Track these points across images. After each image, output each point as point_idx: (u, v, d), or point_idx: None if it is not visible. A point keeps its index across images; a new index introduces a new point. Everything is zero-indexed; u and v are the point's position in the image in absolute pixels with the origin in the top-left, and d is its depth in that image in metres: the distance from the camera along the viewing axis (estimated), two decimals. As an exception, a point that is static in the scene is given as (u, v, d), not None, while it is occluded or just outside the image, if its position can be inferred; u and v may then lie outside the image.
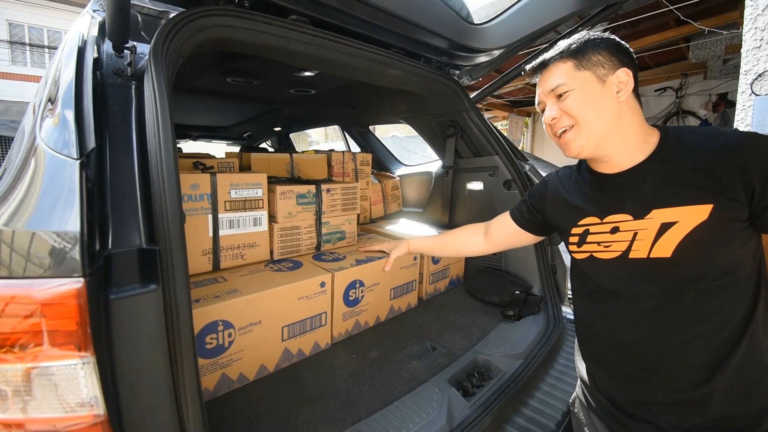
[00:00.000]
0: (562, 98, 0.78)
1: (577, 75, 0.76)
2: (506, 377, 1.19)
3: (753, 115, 2.17)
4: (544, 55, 0.82)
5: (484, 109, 7.21)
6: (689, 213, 0.67)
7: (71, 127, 0.66)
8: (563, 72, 0.78)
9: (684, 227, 0.67)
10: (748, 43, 2.31)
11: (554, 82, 0.78)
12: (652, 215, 0.71)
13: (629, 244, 0.74)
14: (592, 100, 0.75)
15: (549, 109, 0.81)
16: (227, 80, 1.82)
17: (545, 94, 0.82)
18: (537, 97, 0.86)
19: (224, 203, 1.30)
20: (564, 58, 0.78)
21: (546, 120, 0.82)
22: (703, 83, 5.62)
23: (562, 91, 0.77)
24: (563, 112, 0.78)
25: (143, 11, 1.03)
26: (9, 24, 9.87)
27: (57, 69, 0.85)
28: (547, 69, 0.81)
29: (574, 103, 0.76)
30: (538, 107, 0.87)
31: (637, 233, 0.73)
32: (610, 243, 0.77)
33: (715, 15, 3.55)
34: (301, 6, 1.14)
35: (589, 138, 0.75)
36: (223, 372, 1.06)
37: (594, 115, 0.74)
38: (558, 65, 0.79)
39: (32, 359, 0.54)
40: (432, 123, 2.06)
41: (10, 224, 0.58)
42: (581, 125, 0.76)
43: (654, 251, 0.71)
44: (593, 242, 0.80)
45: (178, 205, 0.70)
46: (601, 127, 0.74)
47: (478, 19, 1.61)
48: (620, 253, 0.75)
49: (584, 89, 0.75)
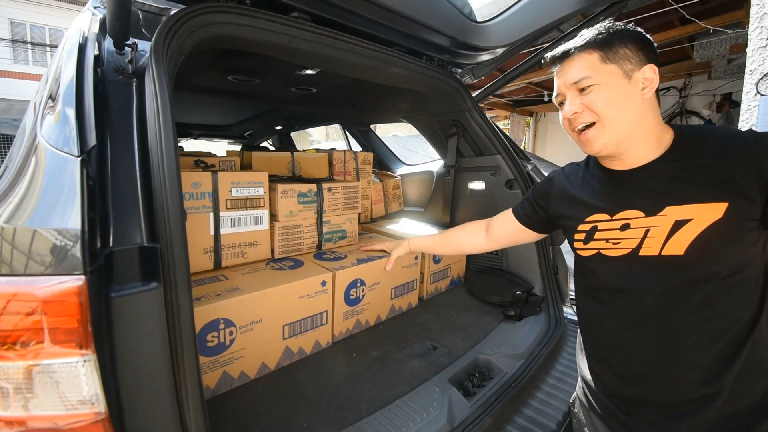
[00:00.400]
0: (585, 92, 0.74)
1: (602, 68, 0.72)
2: (507, 377, 1.19)
3: (758, 115, 2.16)
4: (566, 44, 0.78)
5: (486, 108, 7.20)
6: (704, 210, 0.66)
7: (72, 124, 0.66)
8: (588, 64, 0.73)
9: (698, 225, 0.66)
10: (754, 42, 2.29)
11: (578, 74, 0.74)
12: (666, 212, 0.70)
13: (640, 241, 0.73)
14: (617, 96, 0.72)
15: (570, 103, 0.77)
16: (228, 78, 1.82)
17: (566, 86, 0.77)
18: (556, 88, 0.81)
19: (225, 201, 1.30)
20: (590, 48, 0.74)
21: (566, 114, 0.78)
22: (707, 83, 5.60)
23: (585, 84, 0.73)
24: (585, 107, 0.74)
25: (144, 8, 1.03)
26: (11, 22, 9.90)
27: (58, 66, 0.85)
28: (570, 59, 0.76)
29: (598, 98, 0.72)
30: (556, 99, 0.83)
31: (649, 230, 0.72)
32: (619, 240, 0.76)
33: (720, 14, 3.53)
34: (303, 3, 1.13)
35: (611, 136, 0.73)
36: (224, 370, 1.06)
37: (618, 112, 0.72)
38: (582, 56, 0.74)
39: (34, 357, 0.54)
40: (434, 122, 2.06)
41: (12, 221, 0.58)
42: (604, 122, 0.73)
43: (666, 249, 0.70)
44: (601, 239, 0.79)
45: (179, 203, 0.70)
46: (624, 125, 0.72)
47: (481, 16, 1.60)
48: (630, 250, 0.74)
49: (609, 84, 0.72)
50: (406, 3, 1.27)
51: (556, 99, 0.83)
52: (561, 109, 0.81)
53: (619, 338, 0.79)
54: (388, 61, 1.38)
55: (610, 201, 0.79)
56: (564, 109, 0.78)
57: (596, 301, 0.84)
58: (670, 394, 0.72)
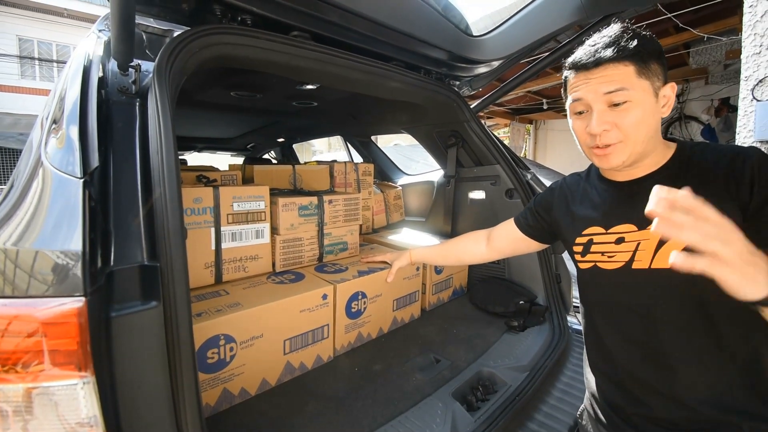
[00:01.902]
0: (617, 108, 0.69)
1: (637, 83, 0.68)
2: (511, 390, 1.18)
3: (755, 120, 2.17)
4: (596, 49, 0.70)
5: (486, 116, 7.24)
6: None
7: (75, 146, 0.67)
8: (624, 76, 0.68)
9: None
10: (748, 49, 2.31)
11: (613, 85, 0.68)
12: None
13: (632, 254, 0.73)
14: (648, 115, 0.69)
15: (599, 118, 0.70)
16: (231, 94, 1.84)
17: (596, 96, 0.70)
18: (579, 94, 0.73)
19: (227, 216, 1.30)
20: (626, 59, 0.68)
21: (594, 131, 0.71)
22: (705, 88, 5.62)
23: (621, 99, 0.68)
24: (616, 126, 0.69)
25: (148, 30, 1.05)
26: (19, 39, 10.11)
27: (63, 87, 0.87)
28: (603, 67, 0.69)
29: (631, 118, 0.68)
30: (574, 106, 0.75)
31: (639, 243, 0.72)
32: (614, 253, 0.76)
33: (713, 21, 3.56)
34: (303, 22, 1.16)
35: (632, 153, 0.71)
36: (224, 387, 1.05)
37: (644, 132, 0.69)
38: (618, 67, 0.68)
39: (34, 379, 0.54)
40: (433, 133, 2.07)
41: (13, 242, 0.59)
42: (629, 141, 0.69)
43: (655, 262, 0.70)
44: (597, 252, 0.79)
45: (180, 222, 0.71)
46: (645, 142, 0.70)
47: (477, 30, 1.63)
48: (623, 263, 0.74)
49: (643, 103, 0.68)
50: (403, 20, 1.29)
51: (574, 105, 0.75)
52: (577, 117, 0.76)
53: (619, 353, 0.78)
54: (387, 76, 1.41)
55: (606, 214, 0.79)
56: (592, 123, 0.71)
57: (595, 314, 0.84)
58: (674, 410, 0.71)
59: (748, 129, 2.22)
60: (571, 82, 0.76)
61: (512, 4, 1.94)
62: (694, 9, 3.23)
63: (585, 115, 0.74)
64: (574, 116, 0.78)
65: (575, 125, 0.77)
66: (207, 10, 1.05)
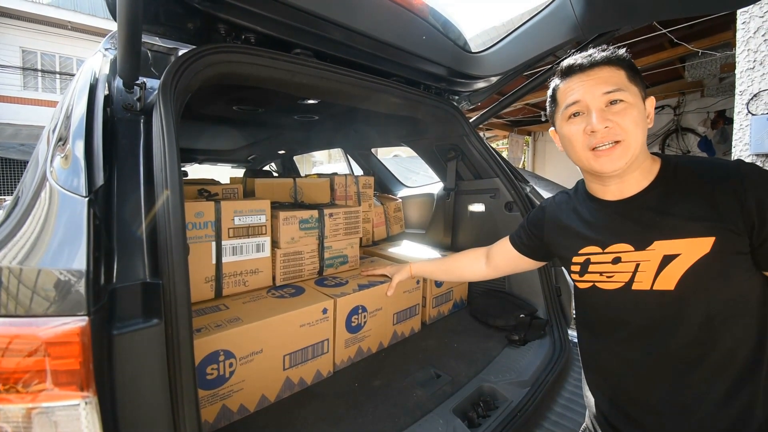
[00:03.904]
0: (615, 107, 0.71)
1: (631, 87, 0.71)
2: (512, 406, 1.17)
3: (750, 134, 2.20)
4: (591, 53, 0.74)
5: (485, 128, 7.30)
6: (691, 245, 0.66)
7: (81, 165, 0.68)
8: (619, 78, 0.71)
9: (687, 260, 0.66)
10: (742, 64, 2.36)
11: (612, 85, 0.70)
12: (654, 246, 0.70)
13: (632, 275, 0.73)
14: (641, 117, 0.71)
15: (599, 116, 0.71)
16: (233, 108, 1.87)
17: (595, 97, 0.71)
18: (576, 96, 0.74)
19: (228, 230, 1.31)
20: (619, 64, 0.72)
21: (596, 127, 0.71)
22: (701, 101, 5.68)
23: (618, 97, 0.70)
24: (617, 124, 0.70)
25: (153, 48, 1.08)
26: (22, 51, 10.23)
27: (70, 104, 0.88)
28: (598, 68, 0.72)
29: (630, 116, 0.70)
30: (571, 109, 0.76)
31: (639, 264, 0.72)
32: (612, 273, 0.76)
33: (708, 36, 3.63)
34: (305, 40, 1.18)
35: (631, 157, 0.71)
36: (223, 403, 1.04)
37: (641, 135, 0.71)
38: (612, 69, 0.72)
39: (34, 399, 0.54)
40: (433, 146, 2.09)
41: (18, 261, 0.59)
42: (630, 143, 0.70)
43: (657, 283, 0.70)
44: (595, 272, 0.79)
45: (182, 239, 0.71)
46: (641, 146, 0.71)
47: (474, 46, 1.67)
48: (623, 284, 0.74)
49: (637, 104, 0.71)
50: (403, 37, 1.32)
51: (571, 108, 0.75)
52: (572, 121, 0.76)
53: (617, 373, 0.78)
54: (387, 92, 1.43)
55: (601, 233, 0.79)
56: (591, 121, 0.71)
57: (593, 334, 0.83)
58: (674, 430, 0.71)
59: (744, 143, 2.24)
60: (565, 88, 0.77)
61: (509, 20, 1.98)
62: (688, 24, 3.30)
63: (581, 117, 0.75)
64: (568, 121, 0.77)
65: (571, 130, 0.76)
66: (212, 29, 1.07)
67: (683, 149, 5.81)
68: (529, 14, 1.58)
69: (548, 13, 1.51)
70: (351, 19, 1.15)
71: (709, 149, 5.41)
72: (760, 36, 2.24)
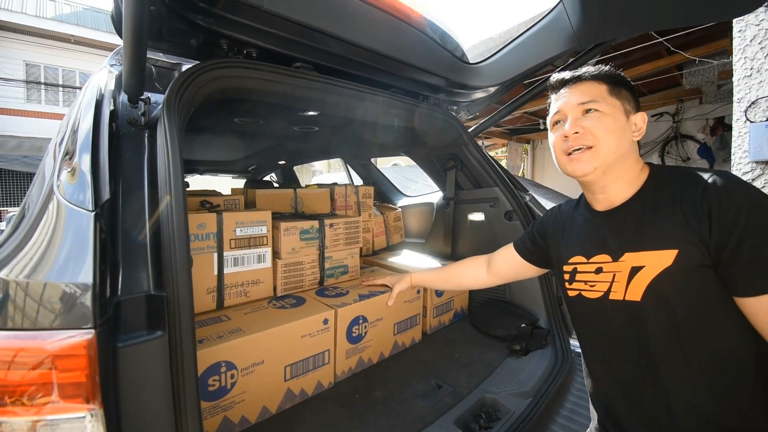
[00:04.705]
0: (589, 114, 0.76)
1: (609, 99, 0.76)
2: (515, 417, 1.16)
3: (749, 141, 2.21)
4: (576, 71, 0.82)
5: (484, 137, 7.34)
6: (655, 258, 0.68)
7: (87, 179, 0.70)
8: (598, 91, 0.77)
9: (650, 272, 0.68)
10: (739, 72, 2.38)
11: (588, 97, 0.77)
12: (624, 258, 0.73)
13: (609, 285, 0.75)
14: (617, 128, 0.75)
15: (572, 123, 0.78)
16: (234, 120, 1.89)
17: (572, 107, 0.79)
18: (557, 108, 0.82)
19: (229, 241, 1.32)
20: (600, 79, 0.78)
21: (567, 132, 0.78)
22: (699, 108, 5.72)
23: (593, 108, 0.76)
24: (588, 130, 0.76)
25: (157, 63, 1.10)
26: (26, 64, 10.37)
27: (76, 119, 0.90)
28: (580, 83, 0.80)
29: (601, 124, 0.75)
30: (553, 118, 0.84)
31: (615, 275, 0.74)
32: (595, 283, 0.78)
33: (705, 44, 3.67)
34: (305, 54, 1.21)
35: (602, 163, 0.75)
36: (224, 415, 1.04)
37: (614, 143, 0.74)
38: (593, 83, 0.78)
39: (41, 412, 0.54)
40: (432, 156, 2.11)
41: (26, 275, 0.60)
42: (600, 148, 0.74)
43: (628, 294, 0.72)
44: (581, 281, 0.82)
45: (186, 251, 0.72)
46: (615, 156, 0.74)
47: (472, 57, 1.69)
48: (602, 293, 0.77)
49: (614, 116, 0.75)
50: (401, 49, 1.35)
51: (553, 118, 0.83)
52: (554, 129, 0.83)
53: (608, 383, 0.79)
54: (386, 103, 1.45)
55: (588, 244, 0.82)
56: (564, 127, 0.79)
57: (584, 343, 0.86)
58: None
59: (743, 150, 2.26)
60: (553, 100, 0.85)
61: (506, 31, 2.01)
62: (684, 33, 3.34)
63: (561, 125, 0.81)
64: (552, 129, 0.84)
65: (553, 138, 0.84)
66: (214, 45, 1.10)
67: (683, 156, 5.83)
68: (526, 25, 1.61)
69: (545, 24, 1.54)
70: (350, 32, 1.18)
71: (709, 156, 5.43)
72: (757, 44, 2.27)
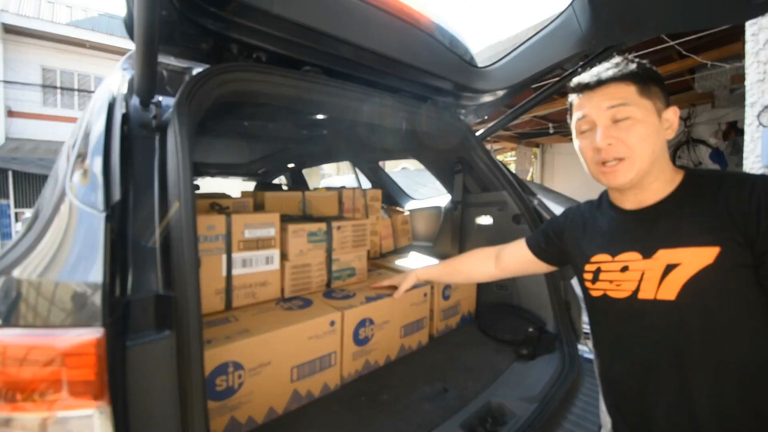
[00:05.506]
0: (621, 123, 0.71)
1: (640, 101, 0.71)
2: (521, 422, 1.15)
3: (762, 145, 2.17)
4: (599, 71, 0.75)
5: (492, 141, 7.31)
6: (694, 255, 0.65)
7: (99, 181, 0.71)
8: (626, 94, 0.71)
9: (688, 269, 0.66)
10: (752, 76, 2.34)
11: (616, 101, 0.71)
12: (658, 255, 0.70)
13: (638, 284, 0.73)
14: (652, 133, 0.71)
15: (604, 133, 0.72)
16: (244, 123, 1.92)
17: (600, 111, 0.73)
18: (583, 113, 0.76)
19: (238, 243, 1.33)
20: (627, 79, 0.72)
21: (599, 144, 0.72)
22: (712, 112, 5.62)
23: (624, 114, 0.71)
24: (621, 141, 0.71)
25: (168, 67, 1.12)
26: (43, 69, 10.64)
27: (89, 122, 0.92)
28: (605, 86, 0.73)
29: (636, 133, 0.70)
30: (578, 124, 0.78)
31: (644, 273, 0.72)
32: (621, 282, 0.76)
33: (717, 47, 3.61)
34: (314, 58, 1.22)
35: (638, 171, 0.71)
36: (232, 415, 1.05)
37: (649, 149, 0.70)
38: (620, 86, 0.72)
39: (49, 408, 0.55)
40: (440, 159, 2.11)
41: (37, 274, 0.62)
42: (635, 158, 0.70)
43: (660, 293, 0.69)
44: (606, 280, 0.79)
45: (194, 252, 0.73)
46: (650, 161, 0.71)
47: (481, 60, 1.69)
48: (630, 293, 0.74)
49: (647, 120, 0.71)
50: (411, 54, 1.35)
51: (579, 124, 0.78)
52: (582, 136, 0.78)
53: (628, 387, 0.77)
54: (395, 107, 1.46)
55: (613, 242, 0.79)
56: (596, 138, 0.73)
57: (605, 346, 0.83)
58: None
59: (756, 154, 2.21)
60: (576, 104, 0.80)
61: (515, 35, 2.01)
62: (696, 36, 3.29)
63: (589, 132, 0.76)
64: (579, 136, 0.80)
65: (581, 145, 0.79)
66: (224, 49, 1.12)
67: (694, 161, 5.73)
68: (535, 29, 1.60)
69: (554, 28, 1.53)
70: (359, 36, 1.19)
71: (721, 161, 5.33)
72: (770, 47, 2.23)
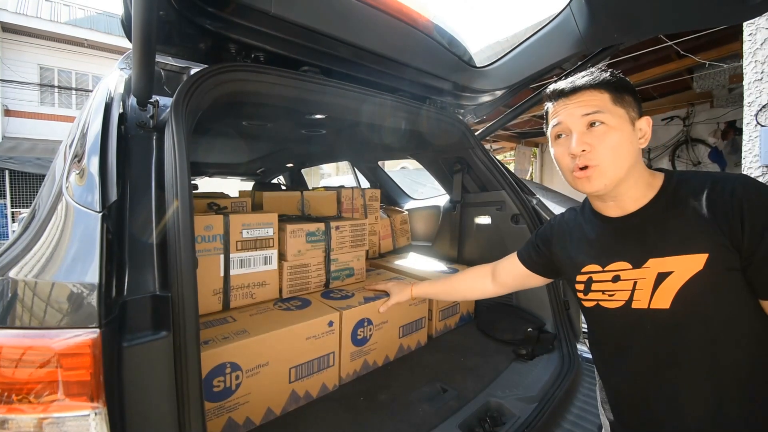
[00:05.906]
0: (595, 130, 0.72)
1: (614, 109, 0.72)
2: (520, 422, 1.15)
3: (760, 145, 2.17)
4: (573, 79, 0.76)
5: (492, 140, 7.31)
6: (684, 262, 0.66)
7: (95, 181, 0.71)
8: (601, 101, 0.72)
9: (680, 277, 0.66)
10: (750, 75, 2.35)
11: (590, 108, 0.72)
12: (649, 264, 0.70)
13: (631, 293, 0.73)
14: (625, 141, 0.71)
15: (578, 139, 0.72)
16: (242, 123, 1.91)
17: (575, 118, 0.74)
18: (558, 119, 0.77)
19: (236, 243, 1.33)
20: (601, 87, 0.73)
21: (574, 151, 0.73)
22: (710, 111, 5.64)
23: (598, 119, 0.71)
24: (595, 148, 0.71)
25: (166, 67, 1.12)
26: (40, 68, 10.61)
27: (86, 122, 0.92)
28: (581, 93, 0.74)
29: (609, 140, 0.70)
30: (554, 130, 0.78)
31: (636, 282, 0.72)
32: (613, 292, 0.76)
33: (715, 47, 3.61)
34: (312, 58, 1.22)
35: (612, 179, 0.71)
36: (229, 416, 1.04)
37: (623, 157, 0.71)
38: (594, 93, 0.73)
39: (45, 409, 0.55)
40: (439, 159, 2.11)
41: (33, 274, 0.61)
42: (608, 165, 0.71)
43: (653, 302, 0.69)
44: (598, 290, 0.79)
45: (191, 252, 0.73)
46: (624, 169, 0.71)
47: (479, 60, 1.69)
48: (623, 302, 0.74)
49: (621, 128, 0.71)
50: (409, 54, 1.35)
51: (555, 130, 0.78)
52: (558, 143, 0.78)
53: (626, 394, 0.77)
54: (393, 107, 1.45)
55: (602, 252, 0.79)
56: (571, 144, 0.73)
57: (603, 353, 0.83)
58: None
59: (754, 154, 2.22)
60: (552, 111, 0.80)
61: (513, 35, 2.01)
62: (695, 36, 3.30)
63: (565, 139, 0.77)
64: (555, 143, 0.80)
65: (557, 152, 0.79)
66: (222, 49, 1.11)
67: (693, 160, 5.74)
68: (533, 29, 1.60)
69: (552, 28, 1.53)
70: (357, 36, 1.18)
71: (720, 160, 5.34)
72: (767, 47, 2.23)
